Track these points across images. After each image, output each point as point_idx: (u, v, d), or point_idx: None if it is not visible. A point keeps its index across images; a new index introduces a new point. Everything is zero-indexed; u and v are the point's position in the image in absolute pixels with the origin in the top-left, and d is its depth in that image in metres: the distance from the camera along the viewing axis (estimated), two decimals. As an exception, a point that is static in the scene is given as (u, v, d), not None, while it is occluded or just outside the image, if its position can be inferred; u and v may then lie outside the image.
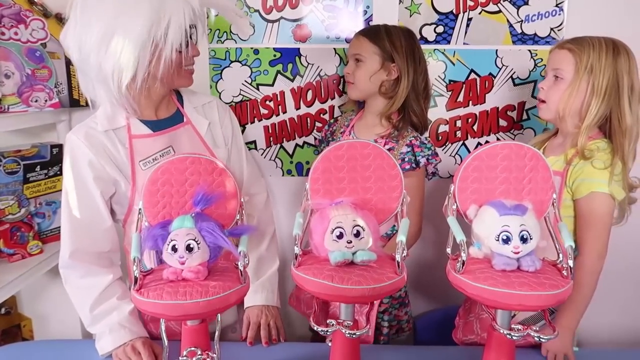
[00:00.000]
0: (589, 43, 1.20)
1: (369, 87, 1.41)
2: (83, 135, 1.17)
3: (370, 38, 1.39)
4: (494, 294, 0.85)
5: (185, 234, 0.90)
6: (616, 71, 1.18)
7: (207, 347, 0.96)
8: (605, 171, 1.18)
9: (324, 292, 0.88)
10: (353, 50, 1.43)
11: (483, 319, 1.32)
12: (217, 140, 1.33)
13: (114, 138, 1.20)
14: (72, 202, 1.18)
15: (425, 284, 1.77)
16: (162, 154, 1.22)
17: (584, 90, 1.20)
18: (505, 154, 0.98)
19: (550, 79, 1.26)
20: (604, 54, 1.18)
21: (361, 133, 1.48)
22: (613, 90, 1.19)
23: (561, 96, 1.22)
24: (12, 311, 1.76)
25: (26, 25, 1.47)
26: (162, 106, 1.26)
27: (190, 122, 1.29)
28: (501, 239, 0.89)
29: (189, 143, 1.27)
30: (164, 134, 1.24)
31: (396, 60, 1.38)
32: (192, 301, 0.86)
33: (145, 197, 0.99)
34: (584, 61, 1.18)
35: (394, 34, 1.39)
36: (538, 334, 0.88)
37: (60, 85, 1.57)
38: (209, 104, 1.36)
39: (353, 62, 1.42)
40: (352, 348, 0.96)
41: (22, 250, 1.52)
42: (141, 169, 1.19)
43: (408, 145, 1.39)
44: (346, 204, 0.96)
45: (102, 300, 1.18)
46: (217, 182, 1.02)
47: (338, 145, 1.01)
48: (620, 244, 1.32)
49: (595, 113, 1.19)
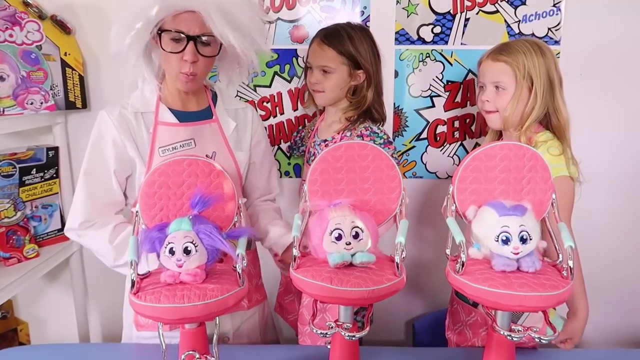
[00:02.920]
0: (518, 50, 1.27)
1: (338, 95, 1.44)
2: (115, 114, 1.21)
3: (336, 49, 1.39)
4: (494, 295, 0.85)
5: (183, 236, 0.90)
6: (547, 70, 1.27)
7: (206, 351, 0.95)
8: (561, 156, 1.26)
9: (323, 295, 0.87)
10: (319, 61, 1.41)
11: (471, 324, 1.34)
12: (243, 144, 1.34)
13: (141, 121, 1.22)
14: (89, 173, 1.21)
15: (424, 285, 1.77)
16: (183, 144, 1.23)
17: (526, 96, 1.28)
18: (504, 154, 0.98)
19: (491, 90, 1.31)
20: (535, 57, 1.26)
21: (323, 133, 1.51)
22: (548, 88, 1.27)
23: (507, 106, 1.29)
24: (8, 315, 1.75)
25: (21, 27, 1.46)
26: (191, 100, 1.28)
27: (217, 121, 1.30)
28: (500, 240, 0.89)
29: (212, 139, 1.28)
30: (189, 126, 1.25)
31: (363, 67, 1.41)
32: (190, 304, 0.85)
33: (142, 200, 0.99)
34: (521, 70, 1.26)
35: (356, 39, 1.40)
36: (539, 335, 0.87)
37: (56, 87, 1.57)
38: (242, 110, 1.38)
39: (320, 73, 1.42)
40: (351, 350, 0.96)
41: (18, 254, 1.51)
42: (159, 155, 1.21)
43: (359, 136, 1.41)
44: (345, 205, 0.95)
45: (119, 231, 1.21)
46: (214, 184, 1.01)
47: (336, 147, 1.01)
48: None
49: (537, 113, 1.27)
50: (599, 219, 1.69)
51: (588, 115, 1.57)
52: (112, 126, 1.20)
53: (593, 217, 1.67)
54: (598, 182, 1.61)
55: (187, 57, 1.14)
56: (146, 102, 1.24)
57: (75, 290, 1.73)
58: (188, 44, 1.13)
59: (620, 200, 1.69)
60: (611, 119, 1.63)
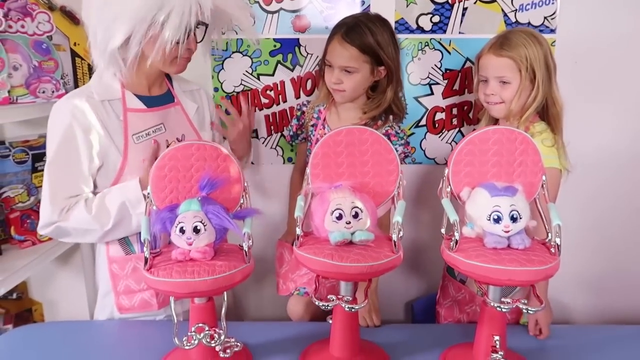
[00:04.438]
0: (519, 44, 1.29)
1: (359, 92, 1.42)
2: (86, 104, 1.18)
3: (359, 47, 1.34)
4: (485, 270, 0.91)
5: (192, 216, 0.95)
6: (545, 59, 1.30)
7: (214, 324, 1.01)
8: (553, 148, 1.29)
9: (325, 270, 0.93)
10: (341, 62, 1.35)
11: (460, 300, 1.42)
12: (205, 125, 1.43)
13: (109, 109, 1.22)
14: (59, 164, 1.18)
15: (423, 267, 1.82)
16: (154, 130, 1.27)
17: (529, 87, 1.30)
18: (497, 138, 1.03)
19: (495, 84, 1.33)
20: (535, 48, 1.28)
21: (336, 127, 1.46)
22: (546, 77, 1.30)
23: (514, 97, 1.31)
24: (23, 296, 1.82)
25: (32, 18, 1.50)
26: (155, 84, 1.31)
27: (180, 104, 1.35)
28: (492, 219, 0.94)
29: (178, 122, 1.33)
30: (157, 111, 1.29)
31: (385, 63, 1.37)
32: (199, 279, 0.91)
33: (153, 182, 1.04)
34: (525, 64, 1.28)
35: (378, 33, 1.35)
36: (526, 306, 0.93)
37: (67, 76, 1.62)
38: (197, 91, 1.45)
39: (341, 73, 1.37)
40: (351, 322, 1.02)
41: (32, 237, 1.57)
42: (134, 143, 1.23)
43: (385, 134, 1.38)
44: (345, 187, 1.01)
45: (91, 202, 1.19)
46: (221, 167, 1.06)
47: (337, 132, 1.06)
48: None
49: (538, 102, 1.30)
50: (590, 206, 1.74)
51: (582, 104, 1.60)
52: (84, 115, 1.18)
53: (584, 204, 1.72)
54: (590, 169, 1.65)
55: (192, 45, 1.21)
56: (109, 89, 1.23)
57: (86, 273, 1.79)
58: (190, 33, 1.17)
59: (612, 187, 1.73)
60: (606, 107, 1.67)
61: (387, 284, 1.69)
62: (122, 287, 1.29)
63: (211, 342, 0.96)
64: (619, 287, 1.81)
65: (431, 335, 1.22)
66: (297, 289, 1.42)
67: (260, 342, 1.16)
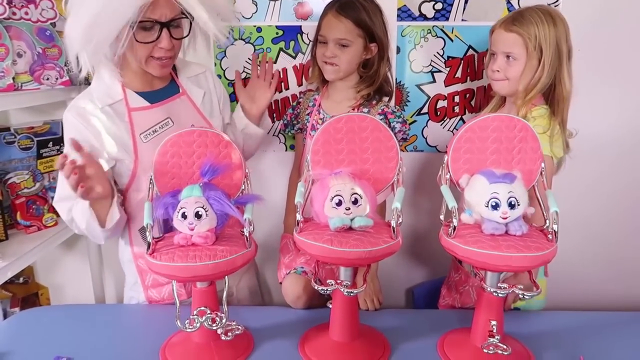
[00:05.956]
0: (531, 21, 1.26)
1: (351, 68, 1.42)
2: (84, 117, 1.19)
3: (354, 20, 1.35)
4: (482, 255, 0.92)
5: (194, 202, 0.97)
6: (557, 41, 1.27)
7: (216, 308, 1.03)
8: (544, 135, 1.26)
9: (324, 255, 0.94)
10: (336, 34, 1.37)
11: (457, 281, 1.44)
12: (214, 110, 1.39)
13: (112, 114, 1.21)
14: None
15: (424, 254, 1.84)
16: (161, 125, 1.25)
17: (535, 67, 1.28)
18: (496, 125, 1.03)
19: (502, 60, 1.31)
20: (547, 28, 1.25)
21: (332, 110, 1.47)
22: (555, 59, 1.27)
23: (519, 75, 1.29)
24: (29, 280, 1.85)
25: (36, 5, 1.51)
26: (155, 77, 1.27)
27: (185, 93, 1.32)
28: (490, 205, 0.95)
29: (186, 114, 1.30)
30: (161, 105, 1.27)
31: (378, 39, 1.39)
32: (201, 263, 0.93)
33: (156, 168, 1.06)
34: (532, 41, 1.26)
35: (370, 10, 1.37)
36: (522, 291, 0.94)
37: (70, 63, 1.62)
38: (203, 74, 1.41)
39: (335, 47, 1.38)
40: (350, 306, 1.03)
41: (37, 223, 1.59)
42: (142, 142, 1.22)
43: (381, 113, 1.42)
44: (345, 174, 1.02)
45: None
46: (223, 154, 1.08)
47: (338, 119, 1.07)
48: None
49: (542, 84, 1.28)
50: (593, 191, 1.74)
51: (587, 89, 1.60)
52: (91, 120, 1.19)
53: (587, 189, 1.73)
54: (595, 155, 1.66)
55: (164, 44, 1.14)
56: (110, 91, 1.22)
57: (91, 257, 1.82)
58: (162, 32, 1.13)
59: (616, 173, 1.73)
60: (610, 92, 1.66)
61: (388, 271, 1.71)
62: (149, 281, 1.32)
63: (212, 325, 0.98)
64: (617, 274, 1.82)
65: (429, 321, 1.23)
66: (295, 268, 1.40)
67: (260, 326, 1.18)
